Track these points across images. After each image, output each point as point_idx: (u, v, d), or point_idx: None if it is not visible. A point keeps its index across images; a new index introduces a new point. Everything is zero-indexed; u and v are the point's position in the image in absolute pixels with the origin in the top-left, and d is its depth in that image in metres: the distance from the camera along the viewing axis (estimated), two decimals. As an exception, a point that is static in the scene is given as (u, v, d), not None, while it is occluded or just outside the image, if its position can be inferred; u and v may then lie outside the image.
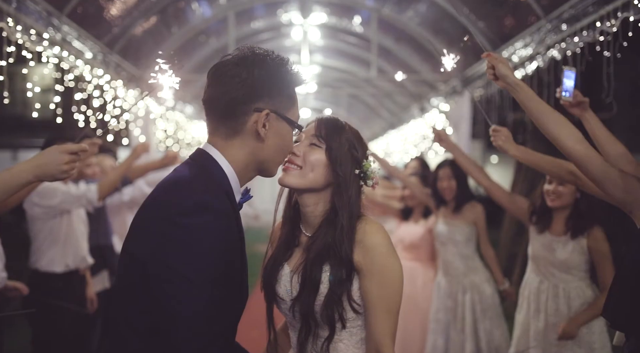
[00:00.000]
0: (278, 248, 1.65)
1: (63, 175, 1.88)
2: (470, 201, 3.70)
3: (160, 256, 1.21)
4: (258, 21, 7.25)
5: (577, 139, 1.91)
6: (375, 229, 1.54)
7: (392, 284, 1.50)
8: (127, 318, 1.25)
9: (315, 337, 1.55)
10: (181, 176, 1.33)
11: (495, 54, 1.98)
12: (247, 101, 1.36)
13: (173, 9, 5.78)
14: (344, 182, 1.55)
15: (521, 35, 4.71)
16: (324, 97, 12.51)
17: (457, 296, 3.64)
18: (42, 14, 3.92)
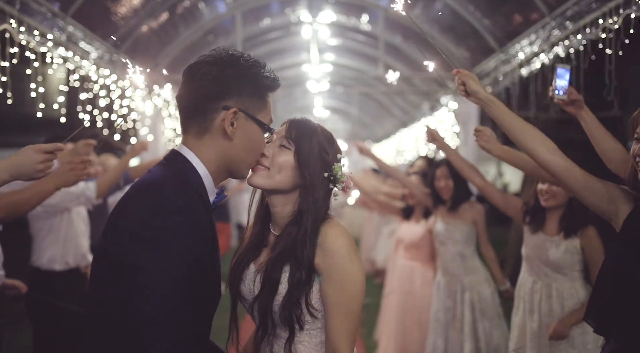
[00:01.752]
0: (247, 247, 1.66)
1: (38, 174, 1.90)
2: (468, 201, 3.67)
3: (130, 256, 1.22)
4: (266, 20, 7.26)
5: (553, 151, 1.89)
6: (338, 232, 1.53)
7: (351, 288, 1.49)
8: (100, 317, 1.26)
9: (276, 338, 1.56)
10: (153, 177, 1.35)
11: (465, 71, 1.97)
12: (216, 98, 1.38)
13: (180, 9, 5.82)
14: (310, 185, 1.55)
15: (526, 32, 4.66)
16: (336, 96, 12.50)
17: (456, 296, 3.62)
18: (47, 15, 3.98)
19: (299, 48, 8.48)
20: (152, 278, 1.20)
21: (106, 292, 1.26)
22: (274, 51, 8.52)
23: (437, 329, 3.67)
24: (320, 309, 1.52)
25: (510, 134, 1.94)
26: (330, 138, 1.64)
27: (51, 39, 3.97)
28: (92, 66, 4.64)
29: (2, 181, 1.87)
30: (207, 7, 6.12)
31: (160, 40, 5.88)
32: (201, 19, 6.21)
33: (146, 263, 1.20)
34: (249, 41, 7.36)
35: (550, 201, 2.83)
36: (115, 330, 1.23)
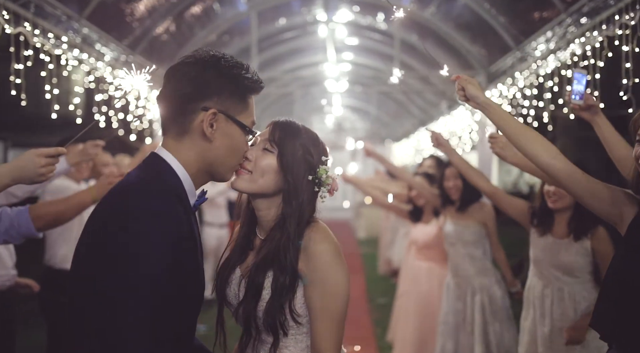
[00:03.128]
0: (233, 250, 1.64)
1: (40, 178, 1.92)
2: (478, 201, 3.61)
3: (107, 262, 1.21)
4: (282, 20, 7.27)
5: (554, 155, 1.85)
6: (322, 237, 1.51)
7: (335, 294, 1.47)
8: (79, 323, 1.25)
9: (261, 343, 1.54)
10: (130, 181, 1.34)
11: (464, 76, 1.95)
12: (195, 99, 1.35)
13: (196, 10, 5.86)
14: (294, 189, 1.52)
15: (542, 30, 4.58)
16: (355, 95, 12.47)
17: (466, 298, 3.56)
18: (62, 18, 4.03)
19: (315, 48, 8.48)
20: (129, 282, 1.18)
21: (84, 297, 1.24)
22: (290, 51, 8.54)
23: (447, 332, 3.62)
24: (305, 315, 1.50)
25: (510, 139, 1.91)
26: (315, 139, 1.61)
27: (66, 41, 4.02)
28: (108, 68, 4.70)
29: (4, 185, 1.90)
30: (223, 7, 6.15)
31: (175, 41, 5.93)
32: (216, 19, 6.24)
33: (123, 267, 1.19)
34: (265, 41, 7.38)
35: (557, 203, 2.77)
36: (95, 334, 1.21)
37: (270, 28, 7.29)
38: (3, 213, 2.20)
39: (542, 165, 1.87)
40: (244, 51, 7.02)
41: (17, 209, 2.23)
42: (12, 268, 3.15)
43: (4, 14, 3.36)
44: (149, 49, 5.36)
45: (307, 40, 8.30)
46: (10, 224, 2.18)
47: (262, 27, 6.95)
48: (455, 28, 6.22)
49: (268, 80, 8.94)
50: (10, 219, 2.19)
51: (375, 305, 6.90)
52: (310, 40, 8.27)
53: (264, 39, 7.28)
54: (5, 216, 2.19)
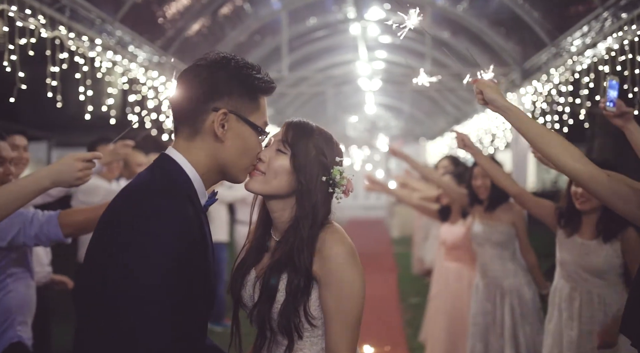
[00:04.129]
0: (249, 251, 1.63)
1: (77, 182, 1.99)
2: (507, 201, 3.53)
3: (119, 260, 1.22)
4: (312, 19, 7.28)
5: (577, 157, 1.80)
6: (336, 238, 1.49)
7: (349, 296, 1.45)
8: (91, 322, 1.26)
9: (276, 345, 1.53)
10: (140, 181, 1.35)
11: (483, 79, 1.91)
12: (206, 99, 1.36)
13: (226, 10, 5.92)
14: (307, 190, 1.50)
15: (579, 24, 4.45)
16: (388, 93, 12.39)
17: (495, 299, 3.48)
18: (96, 21, 4.14)
19: (347, 46, 8.46)
20: (140, 282, 1.19)
21: (95, 296, 1.25)
22: (321, 50, 8.54)
23: (477, 333, 3.55)
24: (320, 317, 1.49)
25: (531, 143, 1.88)
26: (330, 140, 1.58)
27: (100, 44, 4.13)
28: (141, 69, 4.80)
29: (44, 188, 1.96)
30: (253, 7, 6.20)
31: (207, 41, 6.01)
32: (247, 19, 6.30)
33: (134, 268, 1.20)
34: (296, 40, 7.40)
35: (585, 205, 2.69)
36: (107, 334, 1.22)
37: (301, 27, 7.31)
38: (34, 217, 2.27)
39: (565, 168, 1.83)
40: (275, 51, 7.07)
41: (48, 214, 2.30)
42: (47, 265, 3.25)
43: (40, 19, 3.47)
44: (181, 50, 5.45)
45: (338, 39, 8.29)
46: (39, 229, 2.25)
47: (293, 26, 6.97)
48: (488, 24, 6.11)
49: (300, 79, 8.99)
50: (40, 225, 2.26)
51: (408, 305, 6.84)
52: (341, 39, 8.26)
53: (295, 38, 7.30)
54: (36, 221, 2.26)
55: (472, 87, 1.94)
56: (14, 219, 2.26)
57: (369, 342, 5.53)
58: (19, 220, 2.27)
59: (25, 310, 2.50)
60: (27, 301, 2.52)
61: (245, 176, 1.49)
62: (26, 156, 3.19)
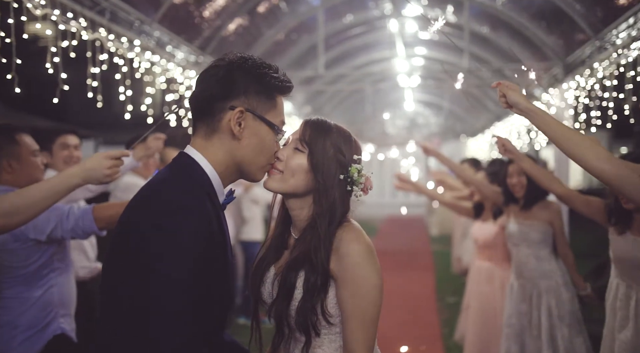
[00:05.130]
0: (269, 249, 1.65)
1: (107, 179, 2.07)
2: (543, 199, 3.43)
3: (138, 255, 1.24)
4: (349, 16, 7.26)
5: (605, 158, 1.77)
6: (353, 237, 1.48)
7: (366, 295, 1.45)
8: (111, 314, 1.30)
9: (295, 342, 1.54)
10: (161, 178, 1.38)
11: (506, 82, 1.90)
12: (223, 98, 1.39)
13: (262, 9, 5.97)
14: (324, 188, 1.51)
15: (624, 16, 4.28)
16: (428, 90, 12.24)
17: (531, 300, 3.40)
18: (135, 23, 4.25)
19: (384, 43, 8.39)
20: (159, 277, 1.22)
21: (117, 291, 1.30)
22: (358, 47, 8.51)
23: (511, 335, 3.47)
24: (337, 315, 1.50)
25: (557, 144, 1.85)
26: (347, 138, 1.59)
27: (139, 45, 4.23)
28: (178, 68, 4.90)
29: (75, 185, 2.04)
30: (290, 5, 6.23)
31: (244, 41, 6.08)
32: (283, 18, 6.33)
33: (152, 263, 1.23)
34: (333, 38, 7.40)
35: (630, 203, 2.59)
36: (126, 328, 1.26)
37: (338, 24, 7.29)
38: (70, 212, 2.37)
39: (592, 169, 1.80)
40: (312, 49, 7.09)
41: (83, 209, 2.40)
42: (94, 260, 3.36)
43: (81, 22, 3.59)
44: (218, 49, 5.53)
45: (375, 36, 8.24)
46: (75, 223, 2.36)
47: (330, 23, 6.97)
48: (529, 18, 5.95)
49: (337, 77, 8.98)
50: (76, 219, 2.36)
51: (445, 304, 6.76)
52: (378, 36, 8.20)
53: (332, 36, 7.30)
54: (72, 216, 2.37)
55: (513, 81, 1.92)
56: (51, 214, 2.36)
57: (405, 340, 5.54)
58: (56, 215, 2.37)
59: (68, 303, 2.60)
60: (69, 295, 2.62)
61: (263, 174, 1.51)
62: (77, 154, 3.31)
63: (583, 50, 5.26)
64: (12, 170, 2.46)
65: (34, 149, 2.51)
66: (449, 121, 15.00)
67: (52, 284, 2.51)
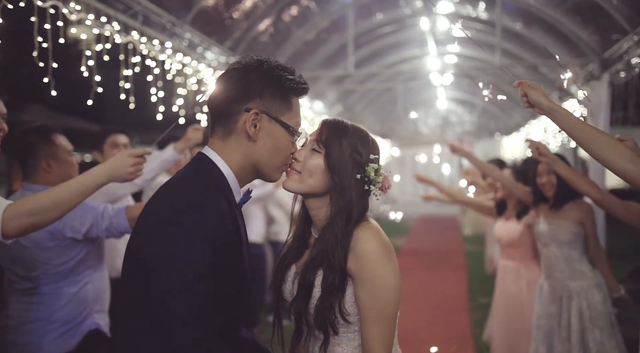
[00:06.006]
0: (290, 248, 1.68)
1: (130, 176, 2.13)
2: (574, 199, 3.35)
3: (155, 251, 1.30)
4: (379, 15, 7.23)
5: (630, 159, 1.73)
6: (369, 236, 1.49)
7: (383, 293, 1.45)
8: (130, 310, 1.35)
9: (315, 339, 1.56)
10: (179, 178, 1.43)
11: (528, 81, 1.87)
12: (239, 101, 1.42)
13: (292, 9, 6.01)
14: (340, 188, 1.52)
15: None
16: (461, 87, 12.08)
17: (561, 301, 3.32)
18: (166, 25, 4.34)
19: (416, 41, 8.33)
20: (174, 272, 1.26)
21: (134, 287, 1.35)
22: (389, 45, 8.46)
23: (540, 336, 3.40)
24: (355, 313, 1.51)
25: (581, 145, 1.82)
26: (364, 138, 1.59)
27: (170, 47, 4.32)
28: (209, 69, 4.97)
29: (101, 183, 2.11)
30: (319, 5, 6.25)
31: (274, 41, 6.13)
32: (313, 18, 6.35)
33: (168, 259, 1.27)
34: (363, 36, 7.38)
35: None
36: (142, 323, 1.31)
37: (368, 23, 7.28)
38: (105, 212, 2.45)
39: (617, 170, 1.77)
40: (342, 48, 7.09)
41: (117, 209, 2.48)
42: None
43: (115, 25, 3.69)
44: (248, 50, 5.59)
45: (406, 34, 8.18)
46: (110, 223, 2.44)
47: (360, 22, 6.96)
48: (563, 13, 5.82)
49: (367, 76, 8.96)
50: (110, 218, 2.44)
51: (477, 304, 6.68)
52: (409, 34, 8.14)
53: (362, 35, 7.29)
54: (107, 215, 2.45)
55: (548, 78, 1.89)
56: (87, 214, 2.44)
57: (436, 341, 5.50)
58: (91, 214, 2.45)
59: (102, 300, 2.68)
60: (103, 291, 2.70)
61: (279, 175, 1.53)
62: None
63: (620, 45, 5.11)
64: (50, 169, 2.55)
65: (69, 149, 2.60)
66: (483, 119, 14.77)
67: (87, 281, 2.58)
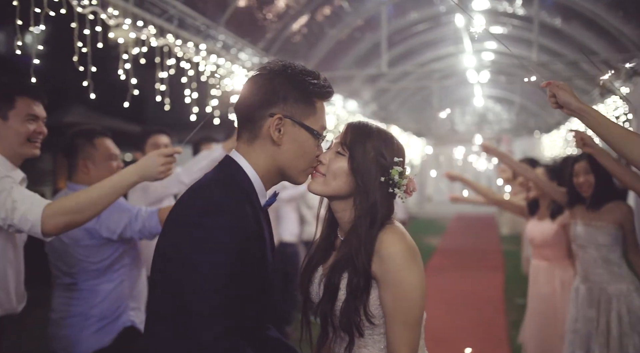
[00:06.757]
0: (317, 249, 1.69)
1: (160, 175, 2.19)
2: (613, 200, 3.24)
3: (180, 252, 1.33)
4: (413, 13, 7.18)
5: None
6: (394, 239, 1.49)
7: (407, 296, 1.45)
8: (157, 309, 1.41)
9: (340, 341, 1.57)
10: (205, 180, 1.47)
11: (556, 82, 1.84)
12: (263, 106, 1.45)
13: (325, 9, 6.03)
14: (364, 191, 1.53)
15: None
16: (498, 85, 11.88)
17: (599, 306, 3.21)
18: (201, 28, 4.43)
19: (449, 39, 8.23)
20: (196, 272, 1.30)
21: (161, 284, 1.39)
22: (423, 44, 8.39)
23: (576, 341, 3.30)
24: (380, 316, 1.51)
25: (611, 145, 1.78)
26: (389, 140, 1.59)
27: (204, 49, 4.40)
28: (243, 70, 5.04)
29: (133, 183, 2.18)
30: (352, 5, 6.25)
31: (307, 41, 6.16)
32: (346, 17, 6.36)
33: (192, 259, 1.31)
34: (397, 35, 7.34)
35: None
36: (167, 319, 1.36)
37: (402, 22, 7.23)
38: (139, 214, 2.53)
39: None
40: (376, 46, 7.07)
41: (150, 211, 2.55)
42: None
43: (151, 29, 3.79)
44: (282, 51, 5.64)
45: (440, 32, 8.09)
46: (142, 225, 2.51)
47: (394, 21, 6.92)
48: (604, 7, 5.66)
49: (402, 74, 8.90)
50: (143, 221, 2.52)
51: (513, 305, 6.56)
52: (444, 32, 8.05)
53: (396, 33, 7.25)
54: (140, 217, 2.52)
55: (589, 75, 1.86)
56: (122, 215, 2.53)
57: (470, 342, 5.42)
58: (126, 216, 2.53)
59: (138, 297, 2.76)
60: (139, 289, 2.78)
61: (304, 178, 1.55)
62: None
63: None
64: (87, 171, 2.65)
65: (110, 154, 2.68)
66: (521, 117, 14.46)
67: (123, 279, 2.67)
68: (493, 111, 14.83)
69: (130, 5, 3.59)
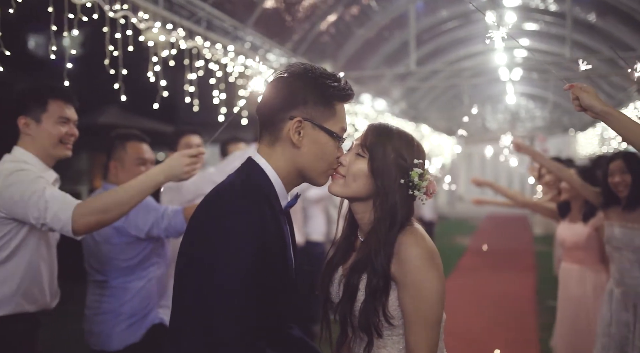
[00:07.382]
0: (337, 250, 1.69)
1: (185, 176, 2.23)
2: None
3: (200, 253, 1.36)
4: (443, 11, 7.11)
5: None
6: (413, 240, 1.49)
7: (427, 298, 1.45)
8: (180, 306, 1.44)
9: (360, 341, 1.57)
10: (227, 182, 1.49)
11: (580, 84, 1.81)
12: (283, 109, 1.46)
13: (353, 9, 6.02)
14: (383, 193, 1.53)
15: None
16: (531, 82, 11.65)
17: (635, 309, 3.12)
18: (229, 29, 4.48)
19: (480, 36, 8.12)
20: (219, 273, 1.33)
21: (184, 283, 1.43)
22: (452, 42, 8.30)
23: (610, 345, 3.21)
24: (399, 317, 1.51)
25: (637, 147, 1.75)
26: (409, 142, 1.58)
27: (232, 50, 4.45)
28: (270, 71, 5.08)
29: (160, 183, 2.23)
30: (380, 3, 6.22)
31: (334, 41, 6.17)
32: (374, 16, 6.34)
33: (212, 260, 1.34)
34: (426, 33, 7.28)
35: None
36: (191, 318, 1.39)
37: (431, 19, 7.17)
38: (165, 212, 2.59)
39: None
40: (404, 45, 7.03)
41: (175, 209, 2.60)
42: None
43: (180, 32, 3.85)
44: (309, 51, 5.67)
45: (471, 29, 7.99)
46: (168, 223, 2.57)
47: (422, 19, 6.87)
48: (640, 2, 5.50)
49: (430, 73, 8.82)
50: (169, 219, 2.57)
51: (545, 307, 6.43)
52: (474, 29, 7.95)
53: (425, 31, 7.19)
54: (166, 216, 2.58)
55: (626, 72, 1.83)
56: (149, 214, 2.59)
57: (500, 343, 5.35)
58: (153, 215, 2.59)
59: (167, 295, 2.82)
60: (168, 287, 2.83)
61: (325, 179, 1.56)
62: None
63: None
64: (116, 172, 2.74)
65: (140, 158, 2.74)
66: (555, 114, 14.16)
67: (152, 276, 2.73)
68: (526, 108, 14.55)
69: (160, 8, 3.66)
